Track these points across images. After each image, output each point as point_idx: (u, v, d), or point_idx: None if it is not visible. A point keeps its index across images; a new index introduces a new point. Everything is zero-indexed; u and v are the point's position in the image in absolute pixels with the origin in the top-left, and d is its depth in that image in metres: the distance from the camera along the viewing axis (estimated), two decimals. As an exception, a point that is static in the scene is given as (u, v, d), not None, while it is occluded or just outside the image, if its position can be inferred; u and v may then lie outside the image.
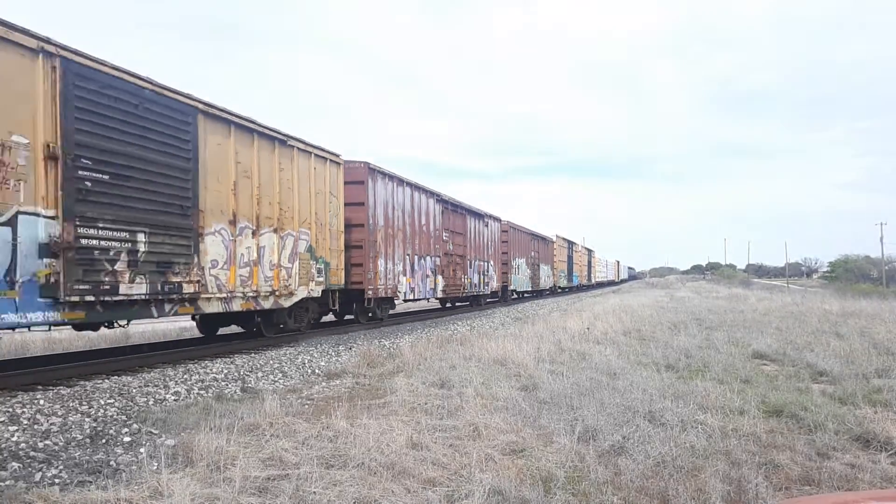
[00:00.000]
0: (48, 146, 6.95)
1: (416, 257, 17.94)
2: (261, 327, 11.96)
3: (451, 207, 21.17)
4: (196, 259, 9.22)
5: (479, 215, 24.58)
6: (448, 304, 24.97)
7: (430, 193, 19.08)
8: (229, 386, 8.04)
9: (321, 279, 12.81)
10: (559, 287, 44.47)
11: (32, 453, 4.89)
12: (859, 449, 5.20)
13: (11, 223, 6.58)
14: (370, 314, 15.85)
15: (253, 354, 10.50)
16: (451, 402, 6.45)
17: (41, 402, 6.43)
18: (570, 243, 50.80)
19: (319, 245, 12.75)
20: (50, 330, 10.12)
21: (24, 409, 6.09)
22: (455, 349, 10.49)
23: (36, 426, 5.62)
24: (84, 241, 7.36)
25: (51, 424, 5.70)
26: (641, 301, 26.96)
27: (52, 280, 6.98)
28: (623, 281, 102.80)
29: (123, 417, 6.17)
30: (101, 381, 7.66)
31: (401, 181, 16.75)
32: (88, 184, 7.46)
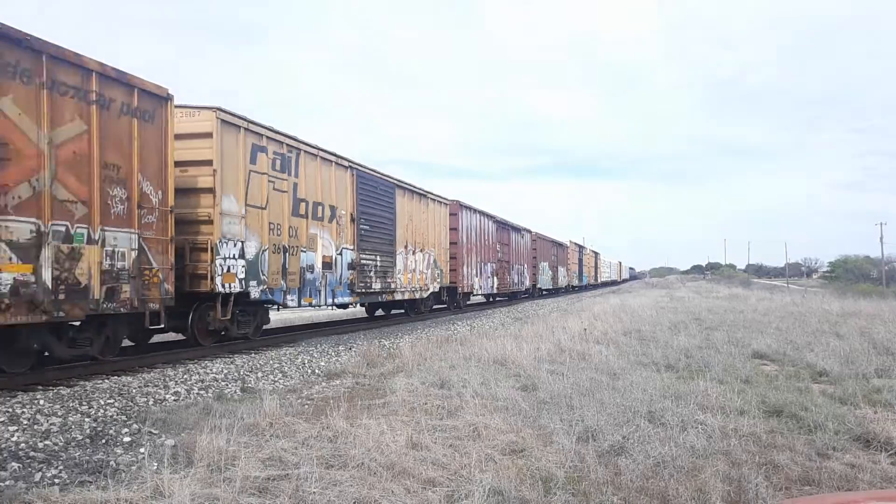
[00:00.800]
0: (351, 214, 14.46)
1: (481, 264, 25.18)
2: (408, 310, 19.72)
3: (502, 225, 28.66)
4: (394, 269, 16.81)
5: (517, 229, 31.93)
6: (490, 299, 30.23)
7: (490, 217, 26.69)
8: (229, 386, 8.04)
9: (439, 280, 20.68)
10: (572, 286, 49.89)
11: (32, 453, 4.89)
12: (859, 449, 5.20)
13: (341, 253, 13.93)
14: (455, 304, 23.17)
15: (253, 354, 10.51)
16: (450, 403, 6.45)
17: (41, 402, 6.43)
18: (581, 247, 56.07)
19: (439, 258, 20.50)
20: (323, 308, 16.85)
21: (24, 409, 6.09)
22: (455, 349, 10.49)
23: (36, 426, 5.62)
24: (362, 262, 14.88)
25: (51, 424, 5.69)
26: (641, 301, 26.96)
27: (352, 281, 14.44)
28: (624, 280, 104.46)
29: (123, 417, 6.17)
30: (101, 382, 7.66)
31: (474, 210, 24.26)
32: (363, 232, 14.96)
